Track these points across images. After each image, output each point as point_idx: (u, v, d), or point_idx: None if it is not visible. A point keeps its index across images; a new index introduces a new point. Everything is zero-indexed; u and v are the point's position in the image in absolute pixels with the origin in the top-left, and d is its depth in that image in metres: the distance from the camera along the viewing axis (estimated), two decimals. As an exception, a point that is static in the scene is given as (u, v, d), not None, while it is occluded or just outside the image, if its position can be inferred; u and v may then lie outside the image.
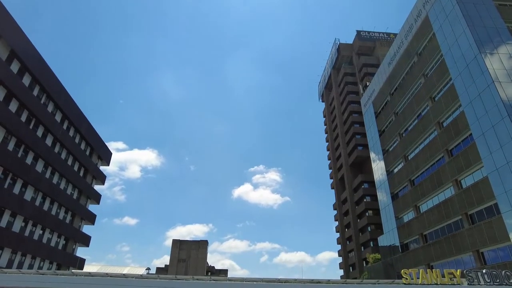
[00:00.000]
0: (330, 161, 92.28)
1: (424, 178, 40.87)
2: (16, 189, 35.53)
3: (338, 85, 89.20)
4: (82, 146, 49.59)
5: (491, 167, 28.80)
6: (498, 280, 19.72)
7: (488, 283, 19.67)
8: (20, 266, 36.15)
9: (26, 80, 35.88)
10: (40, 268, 39.53)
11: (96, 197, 54.14)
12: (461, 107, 34.04)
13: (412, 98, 44.83)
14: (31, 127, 37.21)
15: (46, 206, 41.15)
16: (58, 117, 42.53)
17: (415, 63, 44.70)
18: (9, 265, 34.62)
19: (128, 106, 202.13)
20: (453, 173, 34.88)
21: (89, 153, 51.81)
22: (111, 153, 59.24)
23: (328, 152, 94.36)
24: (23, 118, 35.87)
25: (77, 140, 47.74)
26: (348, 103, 79.00)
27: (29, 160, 37.35)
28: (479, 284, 19.74)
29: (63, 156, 44.32)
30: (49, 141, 40.79)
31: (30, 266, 37.97)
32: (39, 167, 39.29)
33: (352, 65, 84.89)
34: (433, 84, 39.78)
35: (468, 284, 19.86)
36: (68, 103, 44.32)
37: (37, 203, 39.33)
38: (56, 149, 42.68)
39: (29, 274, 20.81)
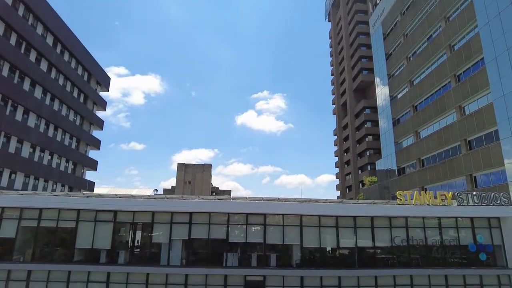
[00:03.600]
0: (333, 86, 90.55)
1: (427, 104, 40.39)
2: (18, 116, 35.65)
3: (346, 2, 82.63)
4: (79, 71, 48.18)
5: (498, 93, 28.21)
6: (486, 201, 20.79)
7: (477, 204, 20.79)
8: (34, 189, 38.26)
9: (8, -2, 33.16)
10: (53, 190, 41.89)
11: (99, 123, 54.65)
12: (476, 28, 31.89)
13: (424, 18, 41.74)
14: (22, 51, 35.65)
15: (50, 133, 41.77)
16: (49, 40, 40.40)
17: (433, -23, 40.51)
18: (24, 188, 36.66)
19: (125, 28, 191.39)
20: (458, 99, 34.32)
21: (87, 79, 50.62)
22: (110, 78, 57.94)
23: (333, 76, 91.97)
24: (12, 41, 34.13)
25: (73, 65, 46.17)
26: (356, 23, 74.17)
27: (26, 86, 36.66)
28: (468, 205, 20.89)
29: (60, 82, 43.36)
30: (44, 66, 39.47)
31: (44, 189, 40.19)
32: (38, 93, 38.76)
33: (363, -21, 77.34)
34: (449, 1, 36.60)
35: (458, 204, 21.00)
36: (59, 25, 41.67)
37: (41, 129, 39.82)
38: (53, 75, 41.56)
39: (44, 196, 22.01)
